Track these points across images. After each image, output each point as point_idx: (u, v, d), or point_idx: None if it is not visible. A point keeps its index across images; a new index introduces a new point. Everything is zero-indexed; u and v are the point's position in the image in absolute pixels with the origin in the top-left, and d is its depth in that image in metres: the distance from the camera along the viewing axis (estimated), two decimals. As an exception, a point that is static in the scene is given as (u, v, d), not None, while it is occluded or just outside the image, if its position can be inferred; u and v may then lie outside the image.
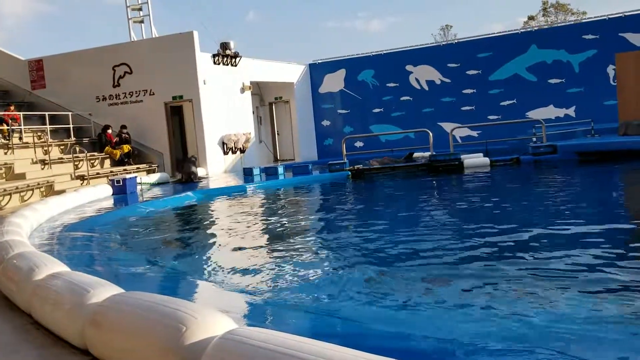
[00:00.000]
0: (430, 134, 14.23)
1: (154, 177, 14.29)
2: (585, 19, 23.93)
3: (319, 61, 23.20)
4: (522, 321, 3.07)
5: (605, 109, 17.18)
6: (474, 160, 13.11)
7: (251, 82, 19.31)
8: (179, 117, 17.18)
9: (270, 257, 5.37)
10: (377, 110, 22.18)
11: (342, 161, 13.81)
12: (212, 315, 2.33)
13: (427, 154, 14.25)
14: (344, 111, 22.82)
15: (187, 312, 2.30)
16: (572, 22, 24.28)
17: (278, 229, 6.87)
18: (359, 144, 21.46)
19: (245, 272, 4.63)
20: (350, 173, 13.24)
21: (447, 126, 18.49)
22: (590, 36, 18.77)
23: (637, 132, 12.68)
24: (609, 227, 5.39)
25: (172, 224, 8.43)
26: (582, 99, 18.71)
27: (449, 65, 21.02)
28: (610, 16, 18.76)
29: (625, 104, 13.86)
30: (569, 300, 3.39)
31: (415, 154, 16.34)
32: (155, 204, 9.75)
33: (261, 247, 5.91)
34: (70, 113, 15.94)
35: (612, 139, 12.81)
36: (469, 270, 4.25)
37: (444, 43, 23.82)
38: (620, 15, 18.53)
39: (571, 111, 18.95)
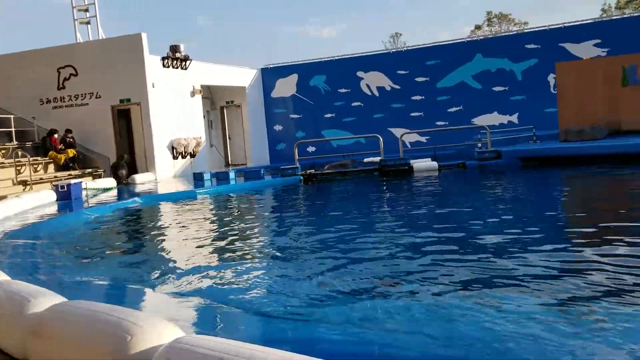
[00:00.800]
0: (381, 139, 14.45)
1: (103, 182, 13.90)
2: (527, 29, 24.88)
3: (271, 66, 23.19)
4: (469, 322, 3.15)
5: (546, 116, 17.91)
6: (423, 164, 13.42)
7: (202, 86, 19.10)
8: (126, 120, 16.79)
9: (219, 263, 5.33)
10: (329, 115, 22.34)
11: (295, 166, 13.85)
12: (159, 323, 2.30)
13: (377, 158, 14.48)
14: (296, 116, 22.87)
15: (133, 321, 2.27)
16: (515, 32, 25.21)
17: (228, 235, 6.82)
18: (311, 148, 21.56)
19: (194, 279, 4.58)
20: (302, 178, 13.29)
21: (397, 131, 18.83)
22: (532, 46, 19.54)
23: (576, 138, 13.28)
24: (548, 228, 5.63)
25: (118, 230, 8.23)
26: (525, 106, 19.44)
27: (399, 72, 21.43)
28: (550, 27, 19.60)
29: (565, 112, 14.50)
30: (513, 301, 3.51)
31: (367, 159, 16.55)
32: (100, 210, 9.49)
33: (210, 253, 5.85)
34: (12, 116, 15.32)
35: (552, 145, 13.37)
36: (418, 271, 4.35)
37: (393, 50, 24.26)
38: (560, 26, 19.39)
39: (514, 118, 19.66)
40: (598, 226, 5.68)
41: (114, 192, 12.75)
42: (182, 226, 7.82)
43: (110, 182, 14.15)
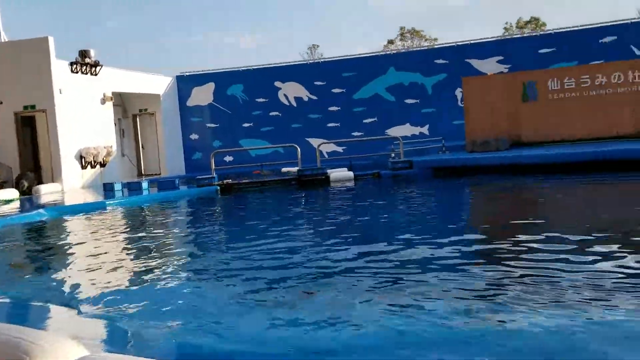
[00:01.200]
0: (299, 149, 14.57)
1: (3, 194, 12.98)
2: (436, 45, 26.13)
3: (187, 73, 22.76)
4: (384, 331, 3.24)
5: (455, 127, 18.81)
6: (339, 174, 13.67)
7: (113, 93, 18.39)
8: (31, 128, 15.82)
9: (128, 278, 5.14)
10: (246, 124, 22.23)
11: (211, 176, 13.63)
12: (61, 342, 2.19)
13: (295, 168, 14.58)
14: (213, 125, 22.56)
15: (32, 340, 2.15)
16: (426, 48, 26.36)
17: (138, 248, 6.59)
18: (228, 158, 21.32)
19: (101, 295, 4.38)
20: (219, 188, 13.10)
21: (315, 141, 19.08)
22: (441, 61, 20.51)
23: (482, 149, 14.05)
24: (457, 234, 5.90)
25: (20, 244, 7.72)
26: (435, 118, 20.35)
27: (316, 83, 21.74)
28: (457, 43, 20.67)
29: (471, 124, 15.32)
30: (425, 307, 3.65)
31: (285, 169, 16.61)
32: (0, 222, 8.88)
33: (119, 268, 5.62)
34: None
35: (460, 156, 14.05)
36: (335, 281, 4.41)
37: (311, 61, 24.58)
38: (467, 43, 20.50)
39: (425, 129, 20.51)
40: (500, 232, 6.04)
41: (16, 204, 11.95)
42: (90, 239, 7.47)
43: (12, 193, 13.25)
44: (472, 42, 20.46)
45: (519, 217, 7.10)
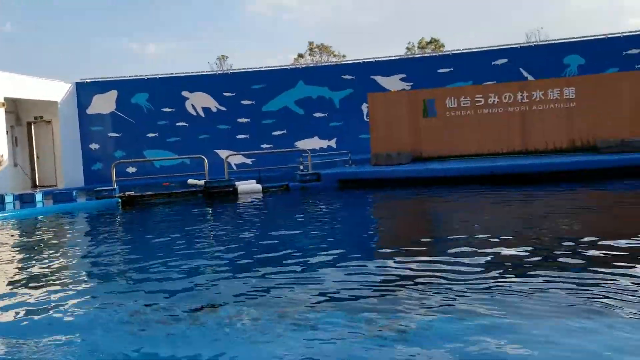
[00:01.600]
0: (206, 161, 14.34)
1: None
2: (344, 61, 26.83)
3: (88, 80, 21.72)
4: (288, 347, 3.27)
5: (361, 141, 19.39)
6: (248, 186, 13.61)
7: (5, 99, 17.16)
8: None
9: (16, 294, 4.81)
10: (151, 134, 21.57)
11: (112, 187, 13.07)
12: None
13: (202, 180, 14.34)
14: (115, 134, 21.68)
15: None
16: (334, 63, 26.98)
17: (28, 264, 6.18)
18: (131, 169, 20.53)
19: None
20: (120, 200, 12.59)
21: (223, 153, 18.89)
22: (348, 76, 21.11)
23: (385, 162, 14.59)
24: (366, 246, 6.09)
25: None
26: (342, 132, 20.87)
27: (225, 94, 21.57)
28: (364, 60, 21.37)
29: (376, 138, 15.87)
30: (327, 320, 3.72)
31: (191, 180, 16.29)
32: None
33: (6, 285, 5.25)
34: None
35: (366, 169, 14.50)
36: (238, 296, 4.38)
37: (220, 72, 24.33)
38: (372, 60, 21.25)
39: (333, 142, 20.96)
40: (404, 241, 6.30)
41: None
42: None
43: None
44: (377, 59, 21.25)
45: (415, 227, 7.45)
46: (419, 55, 27.91)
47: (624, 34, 19.24)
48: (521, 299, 3.84)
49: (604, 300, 3.71)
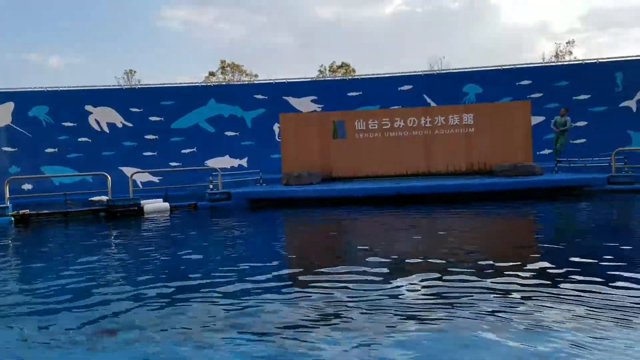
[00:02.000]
0: (109, 178, 13.76)
1: None
2: (256, 80, 26.96)
3: (-20, 90, 20.25)
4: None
5: (272, 161, 19.49)
6: (154, 205, 13.19)
7: None
8: None
9: None
10: (50, 150, 20.43)
11: (4, 205, 12.18)
12: None
13: (105, 198, 13.73)
14: (9, 149, 20.31)
15: None
16: (246, 82, 27.01)
17: None
18: (27, 186, 19.28)
19: None
20: (13, 219, 11.74)
21: (128, 171, 18.20)
22: (260, 96, 21.20)
23: (296, 182, 14.72)
24: (271, 265, 6.08)
25: None
26: (254, 151, 20.86)
27: (132, 109, 20.91)
28: (276, 81, 21.57)
29: (287, 158, 16.00)
30: (236, 341, 3.69)
31: (94, 198, 15.53)
32: None
33: None
34: None
35: (276, 188, 14.54)
36: (137, 319, 4.24)
37: (127, 87, 23.54)
38: (284, 81, 21.50)
39: (244, 162, 20.88)
40: (309, 260, 6.38)
41: None
42: None
43: None
44: (289, 80, 21.54)
45: (321, 246, 7.58)
46: (330, 79, 28.62)
47: (517, 66, 20.87)
48: (405, 309, 4.03)
49: (496, 314, 3.97)
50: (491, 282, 4.79)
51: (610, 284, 4.60)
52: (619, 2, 65.81)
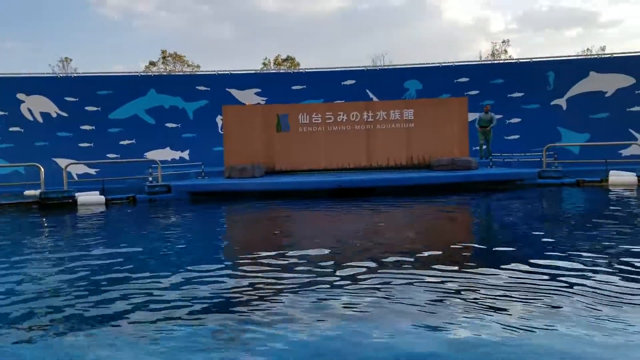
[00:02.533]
0: (42, 169, 13.24)
1: None
2: (199, 71, 26.50)
3: None
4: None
5: (215, 154, 19.27)
6: (89, 198, 12.79)
7: None
8: None
9: None
10: (-22, 140, 19.40)
11: None
12: None
13: (38, 191, 13.18)
14: None
15: None
16: (188, 73, 26.51)
17: None
18: (-49, 178, 18.23)
19: None
20: None
21: (63, 162, 17.54)
22: (203, 87, 20.86)
23: (239, 175, 14.62)
24: (208, 258, 6.05)
25: None
26: (196, 143, 20.52)
27: (67, 98, 20.13)
28: (219, 72, 21.29)
29: (230, 151, 15.86)
30: (167, 336, 3.66)
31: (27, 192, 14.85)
32: None
33: None
34: None
35: (218, 181, 14.39)
36: (69, 314, 4.15)
37: (62, 75, 22.62)
38: (227, 73, 21.25)
39: (186, 154, 20.52)
40: (246, 252, 6.39)
41: None
42: None
43: None
44: (233, 72, 21.30)
45: (261, 239, 7.60)
46: (275, 72, 28.52)
47: (456, 64, 21.48)
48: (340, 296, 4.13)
49: (423, 302, 4.13)
50: (419, 270, 4.96)
51: (532, 268, 4.86)
52: (553, 5, 68.87)
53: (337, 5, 74.43)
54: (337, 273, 5.03)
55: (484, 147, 17.37)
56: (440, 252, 5.85)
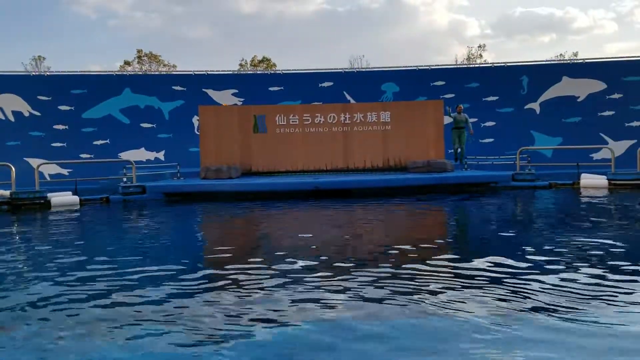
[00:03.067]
0: (13, 169, 12.97)
1: None
2: (175, 71, 26.27)
3: None
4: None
5: (191, 154, 19.10)
6: (62, 198, 12.58)
7: None
8: None
9: None
10: (-54, 138, 18.90)
11: None
12: None
13: (8, 191, 12.89)
14: None
15: None
16: (164, 73, 26.25)
17: None
18: None
19: None
20: None
21: (35, 162, 17.21)
22: (179, 87, 20.68)
23: (214, 176, 14.52)
24: (181, 259, 5.99)
25: None
26: (171, 144, 20.31)
27: (40, 97, 19.76)
28: (195, 72, 21.14)
29: (205, 152, 15.75)
30: (140, 336, 3.62)
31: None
32: None
33: None
34: None
35: (193, 182, 14.27)
36: (35, 314, 4.07)
37: (35, 73, 22.19)
38: (204, 73, 21.12)
39: (161, 155, 20.30)
40: (225, 253, 6.35)
41: None
42: None
43: None
44: (209, 72, 21.17)
45: (234, 240, 7.57)
46: (252, 72, 28.42)
47: (432, 67, 21.69)
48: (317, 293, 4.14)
49: (386, 300, 4.16)
50: (391, 270, 5.00)
51: (500, 268, 4.94)
52: (526, 12, 70.04)
53: (315, 9, 74.58)
54: (312, 272, 5.03)
55: (459, 150, 17.57)
56: (411, 251, 5.89)
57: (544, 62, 22.28)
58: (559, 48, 77.20)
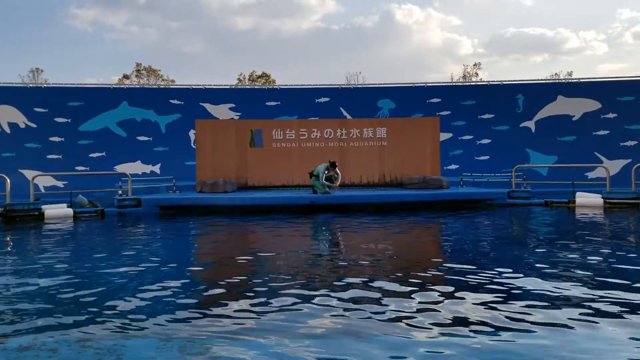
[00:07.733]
0: (8, 180, 12.91)
1: None
2: (173, 85, 26.35)
3: None
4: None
5: (187, 168, 19.09)
6: (56, 211, 12.51)
7: None
8: None
9: None
10: (-59, 150, 18.86)
11: None
12: None
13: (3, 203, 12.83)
14: None
15: None
16: (162, 87, 26.31)
17: None
18: None
19: None
20: None
21: (30, 174, 17.15)
22: (176, 101, 20.73)
23: (210, 190, 14.50)
24: (173, 274, 5.96)
25: None
26: (167, 157, 20.31)
27: (36, 109, 19.77)
28: (193, 87, 21.21)
29: (202, 165, 15.74)
30: (135, 349, 3.59)
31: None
32: None
33: None
34: None
35: (189, 195, 14.24)
36: (30, 327, 4.03)
37: (32, 85, 22.22)
38: (202, 87, 21.19)
39: (157, 168, 20.28)
40: (219, 266, 6.32)
41: None
42: None
43: None
44: (207, 87, 21.25)
45: (228, 253, 7.53)
46: (249, 87, 28.52)
47: (428, 84, 21.84)
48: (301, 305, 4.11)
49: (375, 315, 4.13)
50: (381, 284, 4.98)
51: (491, 285, 4.93)
52: (518, 32, 70.78)
53: (310, 26, 75.16)
54: (306, 287, 5.01)
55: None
56: (406, 267, 5.88)
57: (539, 81, 22.47)
58: (552, 68, 77.93)
